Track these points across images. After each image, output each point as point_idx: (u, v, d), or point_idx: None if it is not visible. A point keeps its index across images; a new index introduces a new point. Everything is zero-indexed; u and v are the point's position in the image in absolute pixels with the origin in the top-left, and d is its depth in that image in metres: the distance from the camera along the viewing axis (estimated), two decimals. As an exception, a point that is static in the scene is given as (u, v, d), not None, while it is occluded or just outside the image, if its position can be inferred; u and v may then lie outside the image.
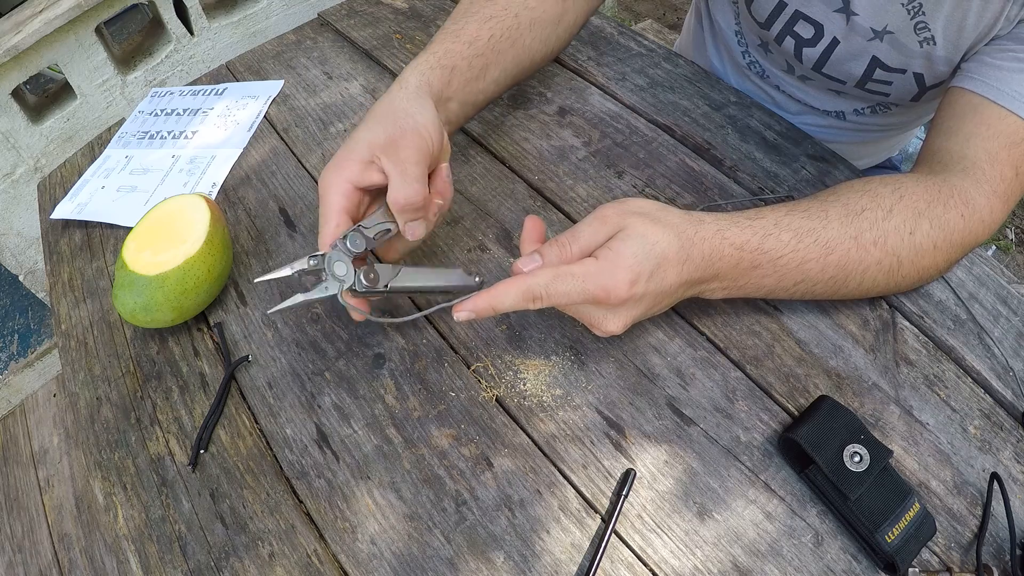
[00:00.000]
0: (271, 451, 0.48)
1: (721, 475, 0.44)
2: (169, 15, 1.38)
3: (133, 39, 1.49)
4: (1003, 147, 0.47)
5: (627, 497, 0.43)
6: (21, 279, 1.44)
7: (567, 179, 0.62)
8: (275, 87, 0.77)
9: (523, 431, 0.47)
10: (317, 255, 0.44)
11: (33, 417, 1.39)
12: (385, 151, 0.45)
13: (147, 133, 0.75)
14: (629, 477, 0.43)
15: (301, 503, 0.46)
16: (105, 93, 1.36)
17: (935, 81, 0.58)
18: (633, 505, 0.43)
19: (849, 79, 0.63)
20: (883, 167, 0.86)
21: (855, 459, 0.41)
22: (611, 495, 0.44)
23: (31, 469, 1.31)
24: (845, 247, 0.45)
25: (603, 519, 0.43)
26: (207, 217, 0.55)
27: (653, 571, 0.41)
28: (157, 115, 0.77)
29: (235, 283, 0.59)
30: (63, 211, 0.67)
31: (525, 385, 0.49)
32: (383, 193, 0.46)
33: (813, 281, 0.46)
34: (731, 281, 0.45)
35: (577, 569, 0.41)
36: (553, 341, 0.51)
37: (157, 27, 1.44)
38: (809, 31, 0.62)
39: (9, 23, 1.23)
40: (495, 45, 0.55)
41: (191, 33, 1.44)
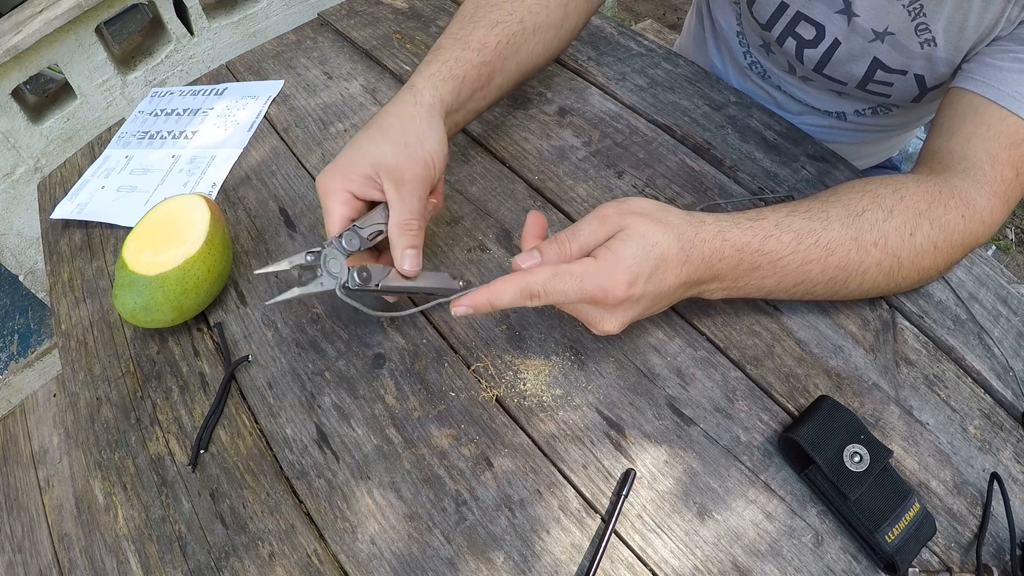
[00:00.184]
0: (271, 451, 0.48)
1: (721, 475, 0.44)
2: (169, 15, 1.38)
3: (133, 39, 1.49)
4: (1004, 148, 0.47)
5: (627, 497, 0.43)
6: (21, 279, 1.44)
7: (567, 179, 0.62)
8: (275, 87, 0.77)
9: (523, 431, 0.47)
10: (314, 251, 0.45)
11: (33, 417, 1.39)
12: (390, 176, 0.46)
13: (147, 133, 0.75)
14: (629, 477, 0.43)
15: (301, 503, 0.46)
16: (105, 93, 1.36)
17: (936, 82, 0.58)
18: (633, 505, 0.43)
19: (850, 80, 0.63)
20: (883, 167, 0.86)
21: (855, 459, 0.41)
22: (611, 495, 0.44)
23: (31, 469, 1.31)
24: (846, 248, 0.45)
25: (603, 519, 0.43)
26: (207, 217, 0.55)
27: (653, 571, 0.41)
28: (157, 115, 0.77)
29: (235, 283, 0.59)
30: (63, 211, 0.67)
31: (525, 385, 0.49)
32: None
33: (813, 282, 0.46)
34: (731, 282, 0.45)
35: (577, 569, 0.41)
36: (553, 341, 0.51)
37: (157, 27, 1.44)
38: (810, 32, 0.62)
39: (9, 23, 1.23)
40: (501, 51, 0.55)
41: (191, 33, 1.44)
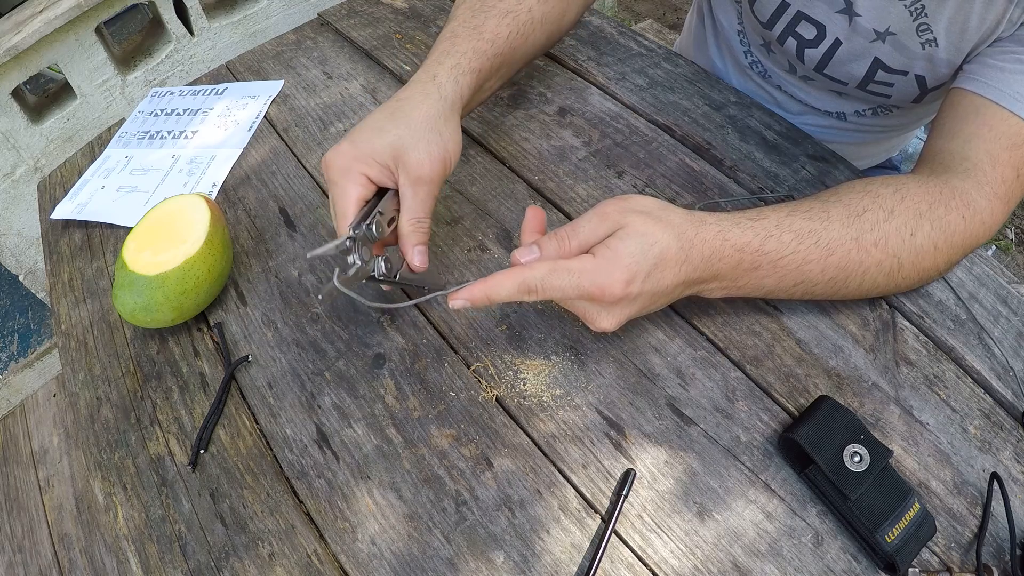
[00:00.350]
0: (271, 451, 0.48)
1: (721, 475, 0.44)
2: (169, 15, 1.38)
3: (133, 39, 1.49)
4: (1004, 149, 0.47)
5: (627, 497, 0.43)
6: (21, 279, 1.44)
7: (567, 179, 0.62)
8: (275, 87, 0.77)
9: (523, 431, 0.47)
10: (353, 236, 0.45)
11: (33, 417, 1.39)
12: (408, 171, 0.46)
13: (147, 133, 0.75)
14: (629, 477, 0.43)
15: (301, 503, 0.46)
16: (105, 93, 1.36)
17: (936, 83, 0.58)
18: (633, 505, 0.43)
19: (851, 80, 0.63)
20: (883, 167, 0.86)
21: (855, 459, 0.41)
22: (611, 495, 0.44)
23: (31, 469, 1.31)
24: (846, 248, 0.45)
25: (603, 519, 0.43)
26: (207, 217, 0.55)
27: (653, 571, 0.41)
28: (157, 115, 0.77)
29: (235, 283, 0.59)
30: (63, 211, 0.67)
31: (525, 385, 0.49)
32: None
33: (813, 282, 0.46)
34: (731, 281, 0.45)
35: (577, 569, 0.41)
36: (553, 341, 0.51)
37: (157, 27, 1.44)
38: (811, 32, 0.62)
39: (9, 23, 1.23)
40: (511, 42, 0.55)
41: (191, 33, 1.44)
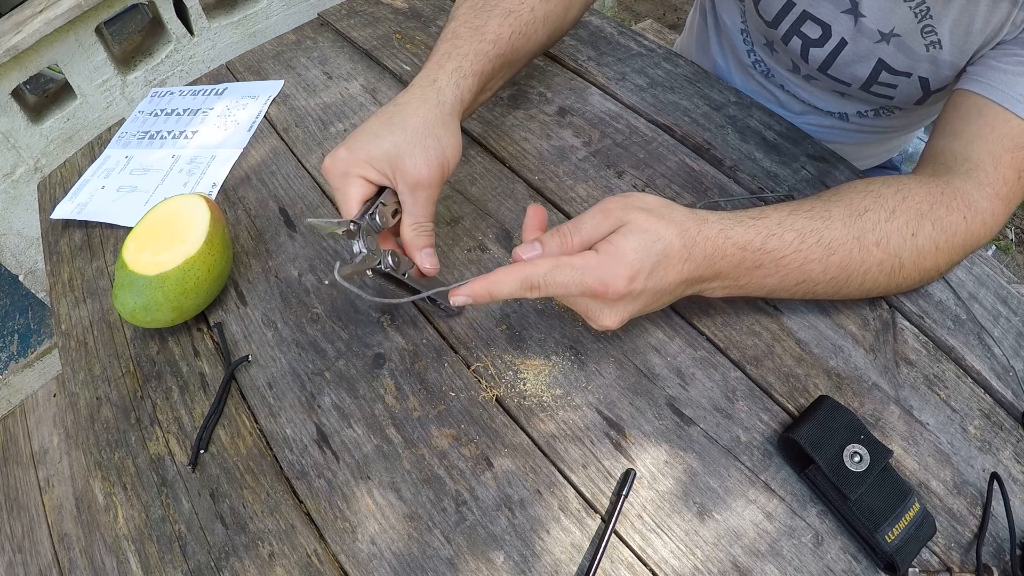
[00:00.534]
0: (271, 451, 0.48)
1: (721, 475, 0.44)
2: (169, 15, 1.38)
3: (133, 39, 1.49)
4: (1006, 150, 0.47)
5: (627, 497, 0.43)
6: (21, 279, 1.44)
7: (567, 179, 0.62)
8: (275, 87, 0.77)
9: (523, 431, 0.47)
10: (359, 222, 0.45)
11: (33, 417, 1.39)
12: (406, 178, 0.46)
13: (147, 133, 0.75)
14: (629, 477, 0.43)
15: (301, 503, 0.46)
16: (105, 93, 1.36)
17: (940, 85, 0.58)
18: (633, 505, 0.43)
19: (854, 81, 0.63)
20: (883, 168, 0.86)
21: (855, 459, 0.41)
22: (611, 495, 0.44)
23: (31, 469, 1.31)
24: (848, 248, 0.45)
25: (603, 519, 0.43)
26: (207, 217, 0.55)
27: (653, 571, 0.41)
28: (157, 115, 0.77)
29: (235, 283, 0.59)
30: (63, 211, 0.67)
31: (525, 385, 0.49)
32: None
33: (815, 281, 0.46)
34: (732, 280, 0.45)
35: (577, 569, 0.41)
36: (553, 341, 0.51)
37: (157, 27, 1.44)
38: (816, 32, 0.62)
39: (9, 23, 1.23)
40: (514, 43, 0.55)
41: (191, 33, 1.44)
